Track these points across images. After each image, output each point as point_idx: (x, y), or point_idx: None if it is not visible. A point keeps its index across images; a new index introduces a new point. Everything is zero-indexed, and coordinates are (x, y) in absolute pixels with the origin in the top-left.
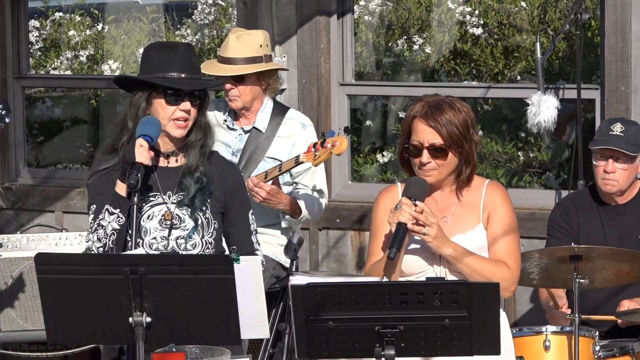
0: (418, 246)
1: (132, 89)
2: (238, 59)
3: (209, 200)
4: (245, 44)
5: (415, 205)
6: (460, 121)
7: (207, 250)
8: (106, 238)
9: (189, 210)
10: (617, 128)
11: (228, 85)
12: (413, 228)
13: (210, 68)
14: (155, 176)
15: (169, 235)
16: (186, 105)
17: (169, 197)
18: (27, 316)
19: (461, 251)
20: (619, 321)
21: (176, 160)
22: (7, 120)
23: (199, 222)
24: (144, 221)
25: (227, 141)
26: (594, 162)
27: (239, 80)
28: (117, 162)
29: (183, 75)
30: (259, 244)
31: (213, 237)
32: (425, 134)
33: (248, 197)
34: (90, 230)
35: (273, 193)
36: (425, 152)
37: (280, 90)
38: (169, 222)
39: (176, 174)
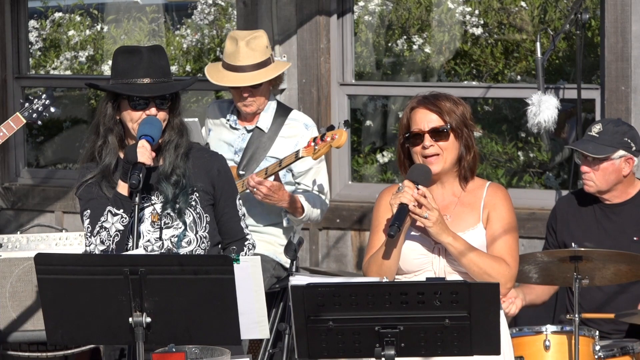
0: (416, 243)
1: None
2: (248, 66)
3: (194, 197)
4: (254, 49)
5: (418, 189)
6: (458, 110)
7: (203, 245)
8: (109, 240)
9: (176, 214)
10: (595, 129)
11: (245, 94)
12: (414, 210)
13: (222, 78)
14: (150, 178)
15: (160, 236)
16: (152, 110)
17: (157, 197)
18: (27, 316)
19: (460, 241)
20: None
21: (158, 161)
22: (52, 109)
23: (191, 219)
24: (139, 224)
25: (230, 140)
26: (576, 160)
27: (255, 86)
28: (100, 171)
29: (146, 81)
30: (247, 227)
31: (207, 231)
32: (425, 119)
33: (235, 184)
34: (90, 234)
35: (274, 189)
36: (427, 136)
37: (280, 90)
38: (157, 224)
39: (158, 174)
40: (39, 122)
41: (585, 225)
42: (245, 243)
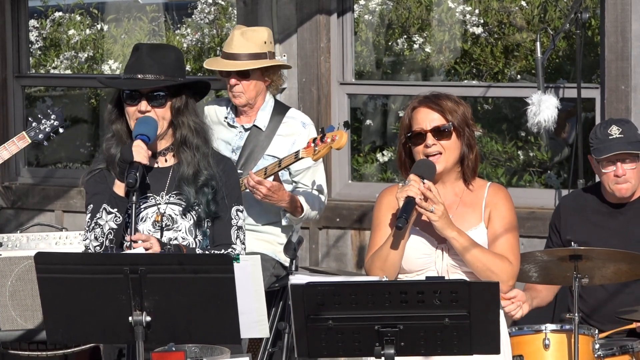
0: (420, 242)
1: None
2: (242, 55)
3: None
4: (249, 40)
5: (424, 183)
6: (460, 109)
7: (200, 251)
8: (103, 237)
9: (195, 219)
10: (615, 131)
11: (233, 81)
12: (421, 203)
13: (215, 64)
14: (147, 177)
15: (161, 237)
16: (142, 105)
17: (162, 197)
18: (27, 316)
19: (465, 237)
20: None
21: (165, 160)
22: (60, 130)
23: (191, 223)
24: (137, 223)
25: (228, 139)
26: (602, 170)
27: (243, 76)
28: (105, 161)
29: (139, 77)
30: (238, 239)
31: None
32: (427, 118)
33: (239, 193)
34: (87, 229)
35: (274, 190)
36: (429, 134)
37: (281, 89)
38: (159, 224)
39: (166, 174)
40: (45, 143)
41: (591, 225)
42: (229, 250)
